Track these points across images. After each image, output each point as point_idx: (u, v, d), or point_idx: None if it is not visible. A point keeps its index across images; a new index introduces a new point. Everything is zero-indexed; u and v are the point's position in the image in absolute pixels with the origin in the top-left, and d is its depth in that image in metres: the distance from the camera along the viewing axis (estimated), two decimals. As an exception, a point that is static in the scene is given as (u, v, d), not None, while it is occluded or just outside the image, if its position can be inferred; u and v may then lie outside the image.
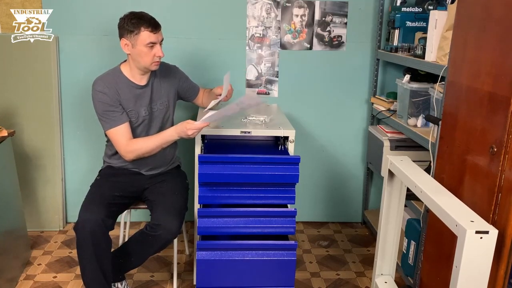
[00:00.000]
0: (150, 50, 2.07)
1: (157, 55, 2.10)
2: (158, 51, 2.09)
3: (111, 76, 2.15)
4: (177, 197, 2.15)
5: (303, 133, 2.96)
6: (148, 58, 2.09)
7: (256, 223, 2.00)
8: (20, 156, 2.71)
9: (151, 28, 2.04)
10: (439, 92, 2.02)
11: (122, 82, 2.14)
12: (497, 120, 1.43)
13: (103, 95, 2.08)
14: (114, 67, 2.20)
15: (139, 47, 2.06)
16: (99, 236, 1.92)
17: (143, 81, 2.18)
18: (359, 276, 2.54)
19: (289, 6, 2.81)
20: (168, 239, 2.03)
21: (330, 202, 3.15)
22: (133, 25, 2.03)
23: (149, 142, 2.12)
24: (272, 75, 2.90)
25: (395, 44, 2.62)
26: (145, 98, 2.19)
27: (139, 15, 2.06)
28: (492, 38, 1.49)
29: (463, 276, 1.34)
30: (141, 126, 2.20)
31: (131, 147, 2.11)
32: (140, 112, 2.17)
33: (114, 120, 2.09)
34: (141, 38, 2.04)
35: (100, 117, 2.11)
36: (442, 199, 1.52)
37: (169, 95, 2.29)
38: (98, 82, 2.13)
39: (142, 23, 2.03)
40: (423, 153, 2.22)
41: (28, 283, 2.37)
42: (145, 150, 2.11)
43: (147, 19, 2.05)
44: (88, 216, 1.92)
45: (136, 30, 2.03)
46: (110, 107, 2.09)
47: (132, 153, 2.11)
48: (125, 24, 2.05)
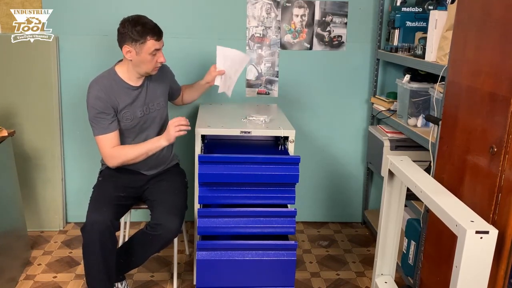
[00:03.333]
0: (153, 57, 2.08)
1: (159, 61, 2.11)
2: (160, 57, 2.10)
3: (106, 79, 2.13)
4: (177, 196, 2.16)
5: (303, 133, 2.96)
6: (151, 64, 2.09)
7: (256, 223, 2.00)
8: (20, 156, 2.71)
9: (157, 37, 2.05)
10: (439, 92, 2.02)
11: (118, 84, 2.13)
12: (497, 120, 1.43)
13: (97, 101, 2.07)
14: (109, 69, 2.18)
15: (144, 55, 2.05)
16: (107, 237, 1.92)
17: (139, 82, 2.17)
18: (359, 276, 2.54)
19: (289, 6, 2.81)
20: (169, 238, 2.03)
21: (330, 202, 3.15)
22: (139, 33, 2.01)
23: (134, 149, 2.12)
24: (272, 75, 2.91)
25: (395, 44, 2.62)
26: (141, 99, 2.18)
27: (142, 22, 2.03)
28: (492, 38, 1.49)
29: (463, 276, 1.34)
30: (137, 127, 2.19)
31: (114, 153, 2.10)
32: (136, 113, 2.16)
33: (103, 127, 2.08)
34: (147, 47, 2.04)
35: (91, 122, 2.11)
36: (442, 199, 1.52)
37: (164, 95, 2.29)
38: (93, 85, 2.11)
39: (148, 32, 2.02)
40: (423, 153, 2.22)
41: (28, 283, 2.37)
42: (130, 157, 2.11)
43: (151, 27, 2.04)
44: (97, 218, 1.92)
45: (142, 39, 2.02)
46: (101, 114, 2.07)
47: (115, 159, 2.11)
48: (129, 31, 2.02)
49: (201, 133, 2.17)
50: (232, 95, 2.44)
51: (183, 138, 2.89)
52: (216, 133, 2.20)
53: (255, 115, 2.36)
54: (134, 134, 2.19)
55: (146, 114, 2.20)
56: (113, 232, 1.96)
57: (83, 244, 1.95)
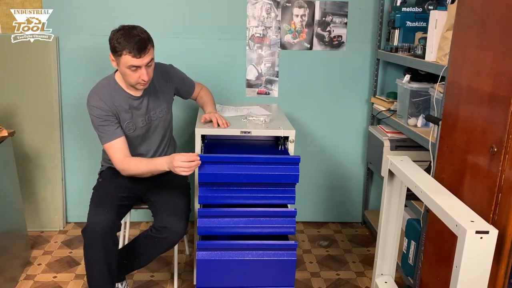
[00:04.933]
0: (134, 72, 1.98)
1: (142, 78, 1.99)
2: (143, 75, 1.98)
3: (106, 88, 2.09)
4: (181, 198, 2.15)
5: (303, 133, 2.96)
6: (133, 79, 2.00)
7: (256, 223, 2.00)
8: (20, 156, 2.71)
9: (134, 53, 1.92)
10: (439, 92, 2.02)
11: (118, 94, 2.10)
12: (497, 120, 1.43)
13: (98, 110, 2.04)
14: (109, 76, 2.14)
15: (122, 68, 1.99)
16: (108, 238, 1.92)
17: (139, 92, 2.13)
18: (359, 276, 2.54)
19: (289, 6, 2.81)
20: (174, 240, 2.03)
21: (330, 202, 3.15)
22: (119, 44, 1.93)
23: (141, 166, 2.07)
24: (272, 75, 2.90)
25: (395, 44, 2.62)
26: (142, 108, 2.15)
27: (128, 35, 1.93)
28: (492, 38, 1.49)
29: (463, 276, 1.34)
30: (139, 137, 2.18)
31: (125, 166, 2.08)
32: (138, 123, 2.14)
33: (109, 134, 2.06)
34: (123, 61, 1.95)
35: (96, 130, 2.09)
36: (442, 199, 1.52)
37: (168, 100, 2.26)
38: (93, 96, 2.07)
39: (125, 46, 1.91)
40: (423, 153, 2.22)
41: (28, 283, 2.37)
42: (136, 172, 2.08)
43: (133, 42, 1.91)
44: (99, 219, 1.91)
45: (119, 52, 1.93)
46: (104, 121, 2.05)
47: (126, 172, 2.10)
48: (113, 40, 1.95)
49: (201, 133, 2.17)
50: (232, 95, 2.44)
51: (183, 139, 2.90)
52: (216, 133, 2.20)
53: (255, 115, 2.36)
54: (136, 142, 2.18)
55: (148, 123, 2.18)
56: (115, 233, 1.96)
57: (85, 245, 1.94)
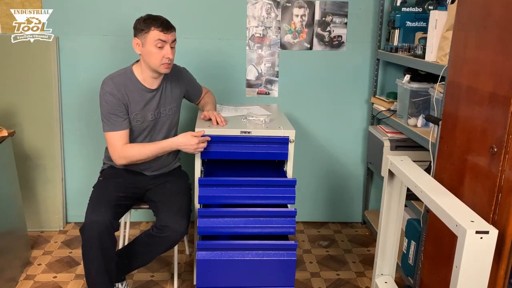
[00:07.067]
0: (160, 51, 2.04)
1: (166, 56, 2.05)
2: (168, 52, 2.05)
3: (122, 77, 2.12)
4: (182, 198, 2.15)
5: (303, 133, 2.96)
6: (157, 59, 2.05)
7: (256, 223, 2.00)
8: (20, 156, 2.71)
9: (162, 28, 2.03)
10: (439, 92, 2.02)
11: (133, 84, 2.12)
12: (497, 120, 1.43)
13: (110, 97, 2.06)
14: (126, 67, 2.18)
15: (148, 47, 2.04)
16: (106, 237, 1.92)
17: (154, 85, 2.16)
18: (359, 276, 2.54)
19: (289, 6, 2.81)
20: (175, 240, 2.03)
21: (330, 202, 3.15)
22: (145, 24, 2.04)
23: (145, 150, 2.10)
24: (272, 75, 2.90)
25: (395, 44, 2.62)
26: (154, 102, 2.17)
27: (153, 16, 2.07)
28: (492, 38, 1.49)
29: (463, 276, 1.34)
30: (146, 131, 2.18)
31: (125, 152, 2.09)
32: (147, 117, 2.16)
33: (114, 124, 2.08)
34: (150, 36, 2.03)
35: (103, 117, 2.10)
36: (442, 199, 1.52)
37: (178, 100, 2.29)
38: (108, 82, 2.10)
39: (153, 22, 2.04)
40: (423, 153, 2.22)
41: (28, 283, 2.37)
42: (139, 157, 2.10)
43: (158, 19, 2.05)
44: (96, 218, 1.91)
45: (146, 29, 2.03)
46: (114, 110, 2.07)
47: (125, 159, 2.10)
48: (137, 24, 2.07)
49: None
50: (232, 95, 2.44)
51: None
52: (216, 133, 2.20)
53: (255, 115, 2.36)
54: (141, 135, 2.19)
55: (157, 118, 2.19)
56: (112, 232, 1.95)
57: (82, 244, 1.95)
